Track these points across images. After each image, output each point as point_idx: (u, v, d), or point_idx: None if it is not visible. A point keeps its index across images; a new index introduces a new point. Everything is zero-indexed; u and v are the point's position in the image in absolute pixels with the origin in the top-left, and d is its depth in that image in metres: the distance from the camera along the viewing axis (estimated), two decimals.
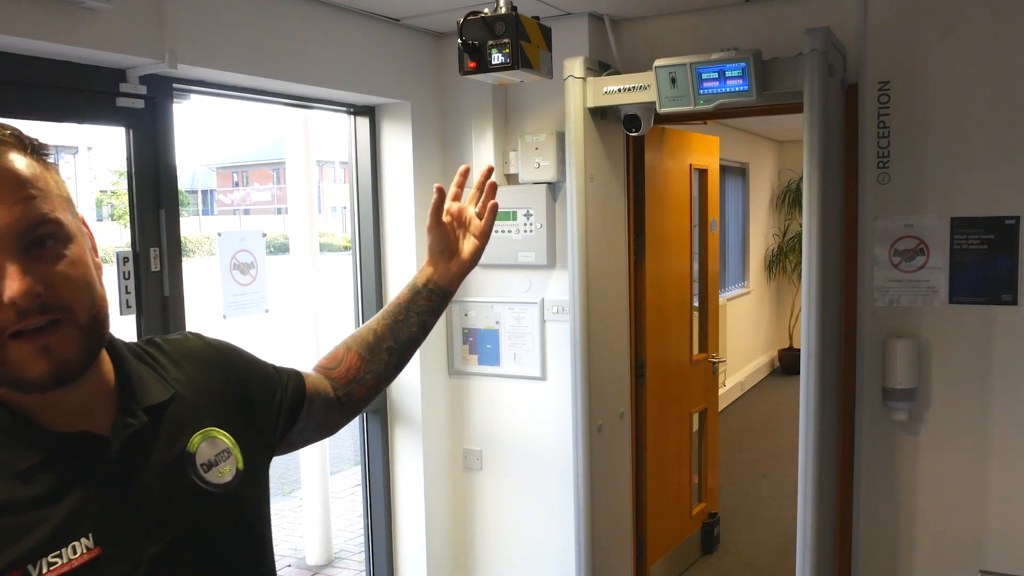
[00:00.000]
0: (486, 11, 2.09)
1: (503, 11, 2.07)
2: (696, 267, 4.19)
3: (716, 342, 4.47)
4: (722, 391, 6.76)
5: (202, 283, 4.25)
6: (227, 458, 1.02)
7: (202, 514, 0.97)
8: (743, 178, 7.90)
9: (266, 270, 2.83)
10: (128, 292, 2.37)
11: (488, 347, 3.38)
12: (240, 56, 2.51)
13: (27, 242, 0.82)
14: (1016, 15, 2.55)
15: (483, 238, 1.39)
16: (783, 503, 4.85)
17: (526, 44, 2.09)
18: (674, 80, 2.60)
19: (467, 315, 3.43)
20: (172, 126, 2.45)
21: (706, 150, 4.15)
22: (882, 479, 2.84)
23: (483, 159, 3.25)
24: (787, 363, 8.43)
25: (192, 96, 2.57)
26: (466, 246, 1.39)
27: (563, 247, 3.13)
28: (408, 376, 3.31)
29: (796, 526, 2.50)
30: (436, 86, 3.34)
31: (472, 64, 2.12)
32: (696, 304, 4.20)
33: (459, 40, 2.10)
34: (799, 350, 2.55)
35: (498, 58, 2.08)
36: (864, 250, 2.81)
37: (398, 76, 3.15)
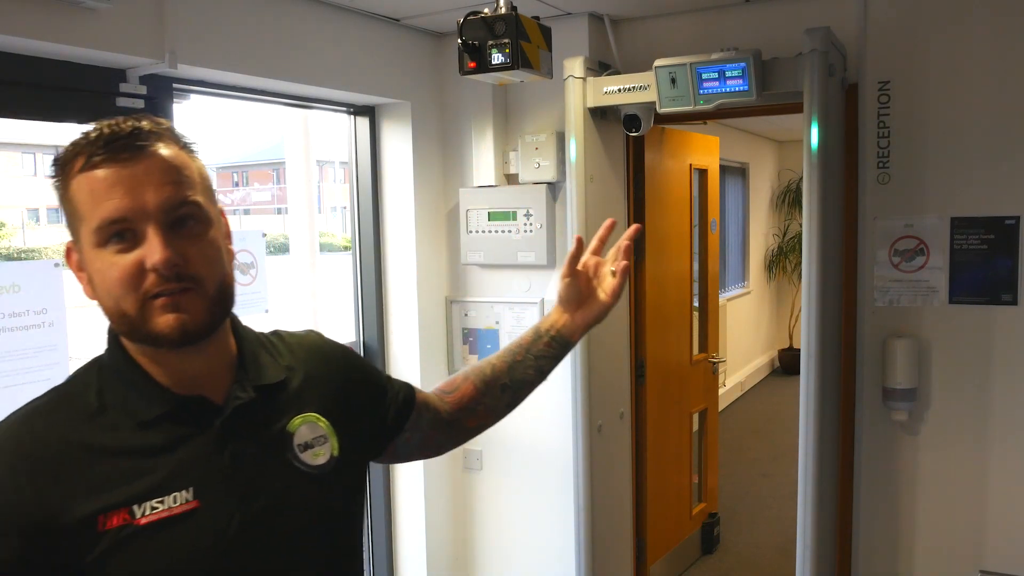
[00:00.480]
0: (486, 11, 2.09)
1: (503, 11, 2.07)
2: (696, 267, 4.19)
3: (716, 342, 4.47)
4: (722, 391, 6.76)
5: None
6: (323, 443, 1.11)
7: (290, 490, 1.06)
8: (743, 178, 7.90)
9: (266, 270, 2.83)
10: None
11: (488, 347, 3.38)
12: (240, 56, 2.51)
13: (171, 219, 0.96)
14: (1016, 15, 2.55)
15: (613, 297, 1.38)
16: (783, 503, 4.85)
17: (526, 44, 2.09)
18: (674, 80, 2.60)
19: (467, 315, 3.43)
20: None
21: (706, 150, 4.15)
22: (882, 479, 2.84)
23: (483, 159, 3.26)
24: (787, 363, 8.43)
25: (192, 96, 2.57)
26: (595, 301, 1.39)
27: (563, 247, 3.13)
28: (408, 376, 3.31)
29: (796, 526, 2.50)
30: (436, 86, 3.34)
31: (472, 64, 2.12)
32: (696, 304, 4.20)
33: (459, 40, 2.10)
34: (799, 350, 2.55)
35: (498, 58, 2.08)
36: (864, 250, 2.81)
37: (398, 76, 3.15)
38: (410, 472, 3.38)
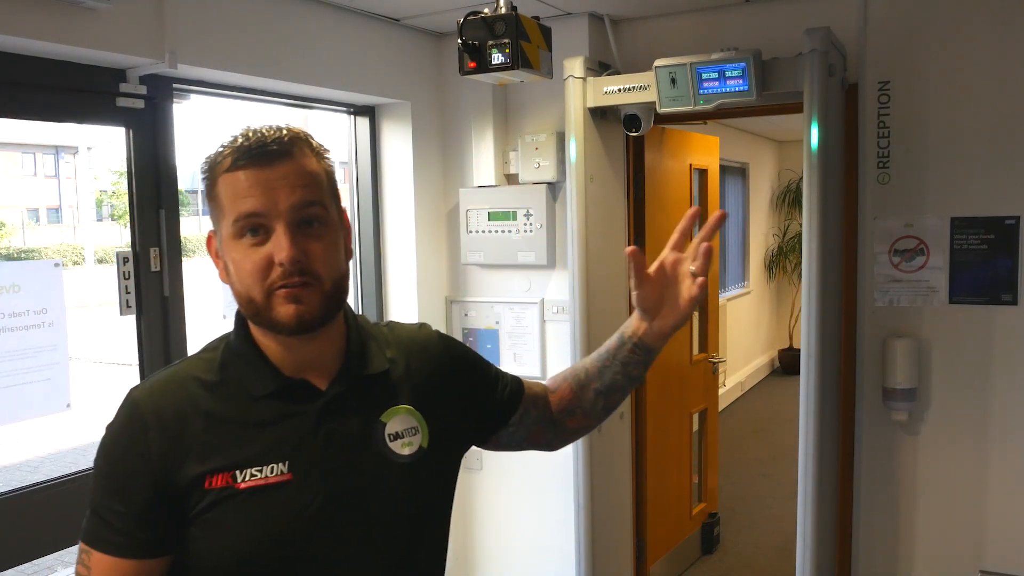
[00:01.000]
0: (486, 11, 2.09)
1: (503, 11, 2.07)
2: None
3: (716, 342, 4.47)
4: (722, 391, 6.76)
5: (202, 283, 4.25)
6: (414, 434, 1.18)
7: (376, 476, 1.13)
8: (743, 178, 7.90)
9: None
10: (128, 292, 2.37)
11: (488, 347, 3.38)
12: (240, 56, 2.51)
13: (298, 219, 1.07)
14: (1016, 15, 2.55)
15: (689, 306, 1.28)
16: (783, 503, 4.85)
17: (526, 44, 2.09)
18: (674, 80, 2.60)
19: (467, 315, 3.43)
20: (172, 126, 2.45)
21: (706, 150, 4.15)
22: (882, 479, 2.84)
23: (483, 159, 3.26)
24: (787, 363, 8.43)
25: (192, 96, 2.57)
26: (673, 308, 1.29)
27: (563, 247, 3.13)
28: None
29: (796, 526, 2.50)
30: (436, 86, 3.34)
31: (472, 64, 2.12)
32: None
33: (459, 40, 2.11)
34: (799, 350, 2.55)
35: (498, 58, 2.08)
36: (864, 250, 2.81)
37: (398, 76, 3.15)
38: None
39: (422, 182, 3.29)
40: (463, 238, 3.32)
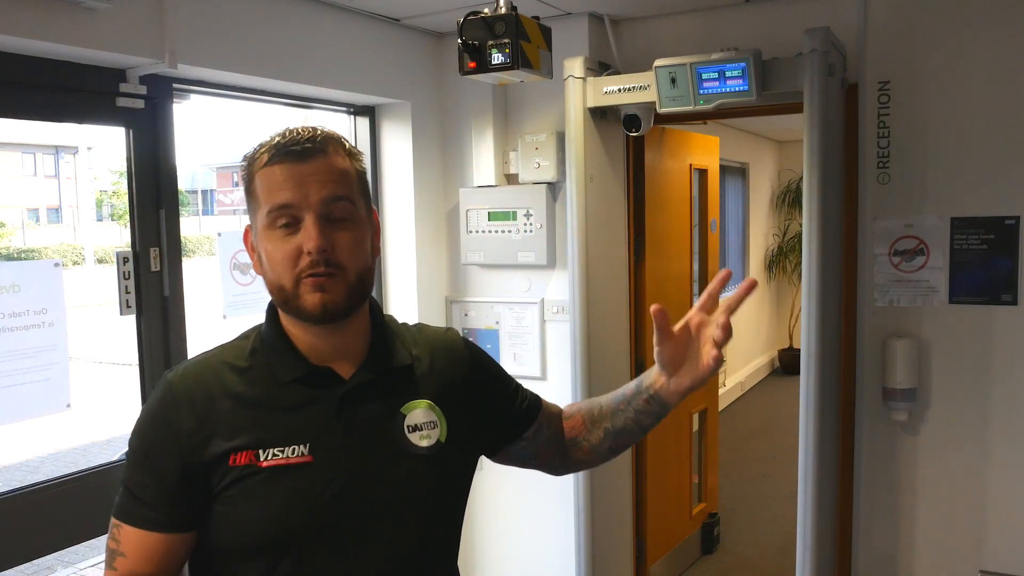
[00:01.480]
0: (486, 11, 2.09)
1: (503, 11, 2.07)
2: (696, 267, 4.19)
3: None
4: (722, 391, 6.76)
5: (202, 283, 4.25)
6: (433, 428, 1.23)
7: (394, 463, 1.18)
8: (743, 178, 7.90)
9: None
10: (128, 292, 2.37)
11: (488, 347, 3.38)
12: (240, 56, 2.51)
13: (327, 212, 1.13)
14: (1016, 15, 2.55)
15: (709, 369, 1.25)
16: (783, 503, 4.85)
17: (526, 44, 2.09)
18: (674, 80, 2.60)
19: (467, 315, 3.43)
20: (172, 126, 2.45)
21: (706, 150, 4.15)
22: (882, 479, 2.84)
23: (483, 159, 3.26)
24: (787, 363, 8.43)
25: (192, 96, 2.57)
26: (693, 366, 1.27)
27: (563, 247, 3.13)
28: None
29: (796, 526, 2.50)
30: (436, 86, 3.34)
31: (472, 64, 2.12)
32: None
33: (459, 40, 2.11)
34: (799, 350, 2.55)
35: (498, 58, 2.08)
36: (864, 250, 2.81)
37: (398, 76, 3.15)
38: None
39: (422, 182, 3.29)
40: (463, 238, 3.32)
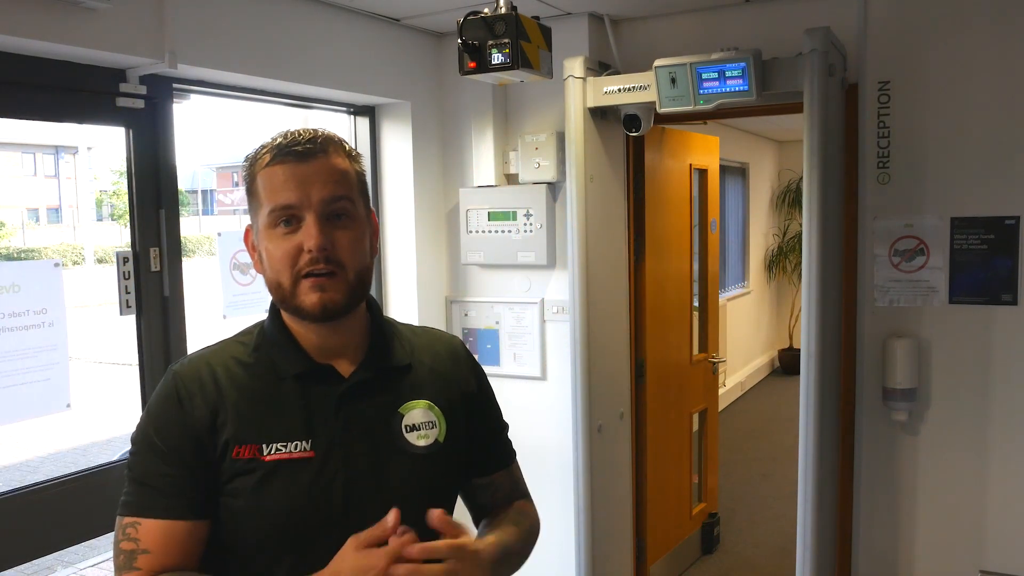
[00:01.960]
0: (486, 11, 2.09)
1: (503, 11, 2.08)
2: (696, 267, 4.19)
3: (716, 342, 4.47)
4: (722, 391, 6.76)
5: (202, 283, 4.25)
6: (431, 428, 1.25)
7: (392, 462, 1.21)
8: (743, 178, 7.90)
9: None
10: (128, 292, 2.37)
11: (488, 347, 3.38)
12: (240, 56, 2.51)
13: (328, 212, 1.16)
14: (1016, 15, 2.55)
15: None
16: (783, 503, 4.85)
17: (526, 44, 2.09)
18: (674, 80, 2.60)
19: (467, 315, 3.43)
20: (172, 126, 2.45)
21: (706, 150, 4.15)
22: (882, 479, 2.84)
23: (483, 159, 3.26)
24: (787, 363, 8.43)
25: (192, 96, 2.57)
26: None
27: (563, 247, 3.13)
28: None
29: (796, 526, 2.50)
30: (436, 86, 3.34)
31: (472, 64, 2.12)
32: (696, 304, 4.20)
33: (459, 40, 2.11)
34: (799, 350, 2.55)
35: (498, 58, 2.08)
36: (864, 250, 2.81)
37: (398, 76, 3.15)
38: None
39: (422, 182, 3.29)
40: (463, 238, 3.32)
